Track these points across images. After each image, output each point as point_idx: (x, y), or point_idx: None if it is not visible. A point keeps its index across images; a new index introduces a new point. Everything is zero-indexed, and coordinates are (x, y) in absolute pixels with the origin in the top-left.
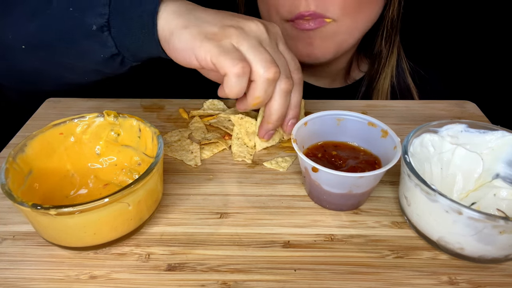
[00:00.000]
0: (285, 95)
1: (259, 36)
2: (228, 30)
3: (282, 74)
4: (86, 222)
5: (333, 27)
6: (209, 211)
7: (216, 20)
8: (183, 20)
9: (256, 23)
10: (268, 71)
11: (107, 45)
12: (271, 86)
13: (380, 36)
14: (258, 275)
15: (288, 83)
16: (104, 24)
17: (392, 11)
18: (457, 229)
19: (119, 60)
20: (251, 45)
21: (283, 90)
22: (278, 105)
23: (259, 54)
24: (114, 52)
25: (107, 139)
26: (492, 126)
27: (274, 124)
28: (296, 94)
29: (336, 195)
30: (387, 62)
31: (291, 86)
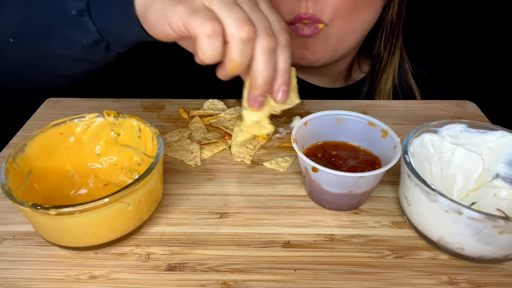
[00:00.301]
0: (268, 54)
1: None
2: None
3: (262, 31)
4: (86, 222)
5: (326, 32)
6: (209, 211)
7: None
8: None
9: None
10: (241, 29)
11: (89, 30)
12: (247, 46)
13: (379, 39)
14: (258, 275)
15: (269, 39)
16: (83, 8)
17: (391, 14)
18: (457, 229)
19: (104, 46)
20: (223, 3)
21: (264, 48)
22: (262, 65)
23: (231, 12)
24: (97, 38)
25: (107, 139)
26: (492, 126)
27: (261, 88)
28: (283, 56)
29: (336, 195)
30: (388, 64)
31: (273, 43)
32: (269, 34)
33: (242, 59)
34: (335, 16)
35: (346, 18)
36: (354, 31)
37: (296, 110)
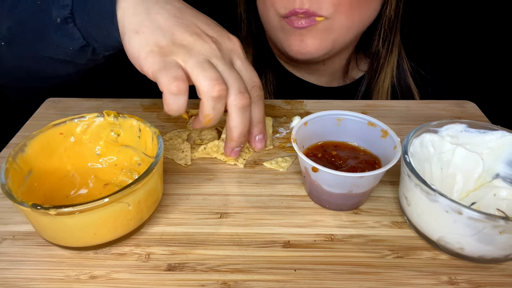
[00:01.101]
0: (241, 111)
1: (209, 55)
2: (176, 47)
3: (234, 90)
4: (86, 222)
5: (326, 25)
6: (209, 211)
7: (169, 29)
8: (136, 21)
9: (208, 43)
10: (212, 88)
11: (74, 37)
12: (218, 103)
13: (378, 36)
14: (258, 275)
15: (241, 98)
16: (67, 15)
17: (390, 11)
18: (457, 229)
19: (90, 50)
20: (196, 62)
21: (237, 106)
22: (235, 121)
23: (203, 72)
24: (83, 44)
25: (107, 139)
26: (492, 126)
27: (236, 142)
28: (256, 109)
29: (336, 195)
30: (386, 62)
31: (246, 100)
32: (242, 92)
33: (215, 113)
34: (336, 11)
35: (348, 12)
36: (354, 25)
37: (296, 110)
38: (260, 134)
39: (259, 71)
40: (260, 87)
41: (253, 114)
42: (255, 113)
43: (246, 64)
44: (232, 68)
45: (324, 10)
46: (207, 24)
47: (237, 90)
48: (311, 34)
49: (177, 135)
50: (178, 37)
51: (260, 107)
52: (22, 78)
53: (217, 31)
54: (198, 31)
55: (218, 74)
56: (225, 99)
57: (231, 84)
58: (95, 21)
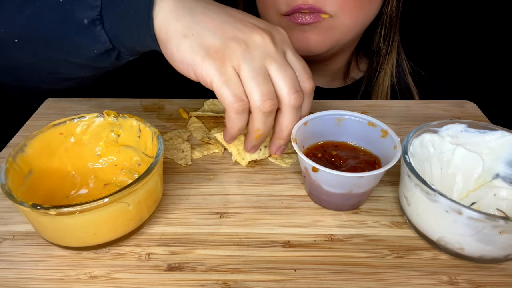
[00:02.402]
0: (295, 111)
1: (264, 50)
2: (230, 46)
3: (291, 89)
4: (86, 222)
5: (330, 22)
6: (209, 211)
7: (217, 28)
8: (182, 26)
9: (261, 34)
10: (264, 104)
11: (101, 40)
12: (269, 117)
13: (379, 33)
14: (258, 275)
15: (297, 98)
16: (96, 17)
17: (391, 8)
18: (457, 229)
19: (115, 55)
20: (251, 71)
21: (293, 106)
22: (288, 122)
23: (256, 86)
24: (109, 47)
25: (107, 140)
26: (492, 126)
27: (285, 140)
28: (306, 105)
29: (336, 195)
30: (386, 60)
31: (301, 100)
32: (298, 91)
33: (265, 127)
34: (341, 9)
35: (352, 11)
36: (356, 24)
37: None
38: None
39: None
40: (311, 78)
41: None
42: (306, 106)
43: (298, 55)
44: (287, 64)
45: (329, 7)
46: (254, 18)
47: (293, 89)
48: (314, 30)
49: (177, 135)
50: (229, 33)
51: (309, 101)
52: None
53: (266, 24)
54: (249, 25)
55: (270, 88)
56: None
57: (286, 83)
58: (126, 26)
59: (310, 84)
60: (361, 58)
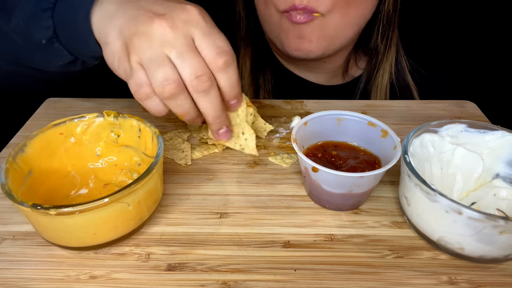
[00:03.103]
0: (203, 94)
1: (162, 38)
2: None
3: (191, 75)
4: (86, 222)
5: (322, 21)
6: (209, 211)
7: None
8: (104, 33)
9: (159, 23)
10: (163, 90)
11: (62, 54)
12: (177, 100)
13: (376, 31)
14: (258, 275)
15: (199, 83)
16: (52, 36)
17: (388, 5)
18: (457, 229)
19: (79, 63)
20: (148, 61)
21: (198, 91)
22: (203, 106)
23: (153, 73)
24: (71, 59)
25: (107, 140)
26: (492, 126)
27: (215, 123)
28: (222, 79)
29: (336, 195)
30: (384, 58)
31: (204, 84)
32: (198, 76)
33: (181, 110)
34: (332, 8)
35: (343, 9)
36: (350, 23)
37: (296, 110)
38: (234, 98)
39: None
40: (226, 52)
41: (222, 84)
42: (223, 83)
43: (207, 30)
44: (188, 49)
45: (322, 6)
46: (161, 4)
47: (193, 75)
48: (309, 30)
49: (177, 135)
50: (133, 29)
51: (229, 74)
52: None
53: (170, 7)
54: (150, 15)
55: (168, 73)
56: (183, 92)
57: (186, 69)
58: (76, 38)
59: (220, 58)
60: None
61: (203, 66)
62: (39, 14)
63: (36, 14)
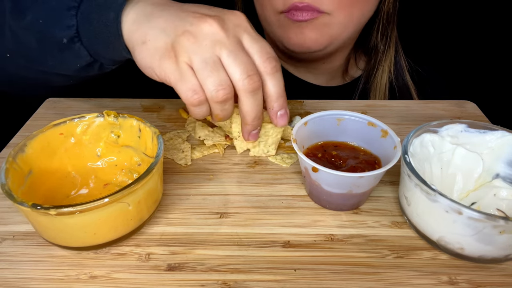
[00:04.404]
0: (251, 95)
1: (213, 38)
2: (180, 42)
3: (241, 74)
4: (86, 222)
5: (326, 19)
6: (209, 211)
7: (170, 26)
8: (140, 33)
9: (209, 23)
10: (217, 94)
11: (81, 55)
12: (225, 105)
13: (376, 30)
14: (258, 275)
15: (249, 82)
16: (74, 35)
17: (388, 4)
18: (457, 229)
19: (97, 66)
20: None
21: (246, 91)
22: (247, 106)
23: (207, 77)
24: (90, 61)
25: (107, 140)
26: (492, 126)
27: (252, 125)
28: (271, 84)
29: (336, 195)
30: (384, 57)
31: (254, 84)
32: (250, 75)
33: (224, 114)
34: (338, 7)
35: (348, 9)
36: (353, 21)
37: (296, 110)
38: (281, 109)
39: None
40: (275, 58)
41: (270, 89)
42: (271, 88)
43: (256, 37)
44: (239, 49)
45: (325, 5)
46: (207, 8)
47: (245, 74)
48: (311, 26)
49: (177, 135)
50: (180, 29)
51: (277, 80)
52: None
53: (218, 10)
54: (198, 15)
55: (221, 77)
56: (232, 99)
57: (237, 68)
58: (102, 41)
59: (270, 63)
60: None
61: (253, 66)
62: (62, 12)
63: (59, 12)
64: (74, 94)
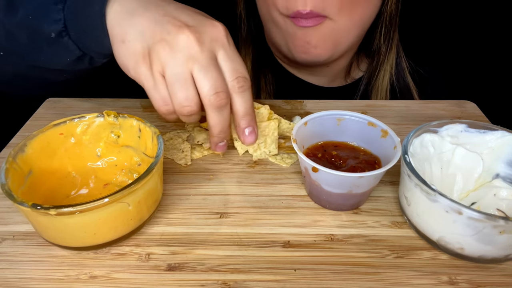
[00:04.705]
0: (217, 110)
1: (188, 52)
2: (155, 51)
3: (210, 90)
4: (86, 222)
5: (330, 25)
6: (209, 211)
7: (149, 30)
8: (121, 30)
9: (187, 35)
10: (181, 110)
11: (70, 49)
12: (191, 117)
13: (379, 32)
14: (258, 275)
15: (217, 99)
16: (62, 29)
17: (390, 6)
18: (457, 229)
19: (87, 59)
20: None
21: (212, 106)
22: (212, 120)
23: (176, 91)
24: (79, 55)
25: (107, 141)
26: (492, 126)
27: (218, 137)
28: (239, 101)
29: (336, 195)
30: (385, 59)
31: (221, 101)
32: (217, 92)
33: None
34: (339, 12)
35: (349, 12)
36: (356, 25)
37: (296, 110)
38: (248, 127)
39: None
40: (244, 78)
41: (237, 107)
42: (239, 106)
43: (231, 53)
44: (211, 64)
45: (327, 10)
46: (189, 15)
47: (213, 91)
48: (315, 34)
49: (177, 135)
50: (157, 36)
51: (244, 99)
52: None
53: (199, 20)
54: (178, 24)
55: (189, 93)
56: (198, 111)
57: (207, 84)
58: (88, 33)
59: (238, 83)
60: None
61: (223, 83)
62: (49, 7)
63: (47, 7)
64: (74, 94)
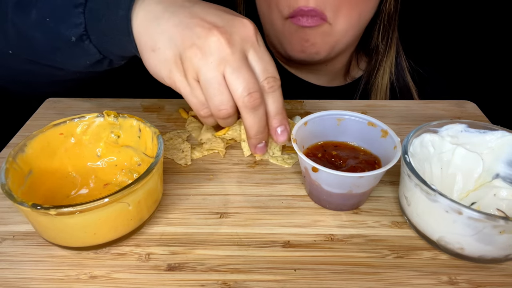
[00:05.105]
0: (252, 111)
1: (219, 55)
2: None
3: (242, 92)
4: (86, 222)
5: (328, 28)
6: (209, 211)
7: (178, 36)
8: (149, 38)
9: (217, 37)
10: (218, 113)
11: (90, 52)
12: (227, 120)
13: (377, 31)
14: (258, 275)
15: (249, 100)
16: (82, 33)
17: (389, 5)
18: (457, 229)
19: (107, 62)
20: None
21: (247, 107)
22: (248, 122)
23: (211, 96)
24: (99, 58)
25: (107, 141)
26: (492, 126)
27: (255, 139)
28: (271, 101)
29: (336, 195)
30: (385, 58)
31: (255, 102)
32: (250, 93)
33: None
34: (338, 11)
35: (348, 13)
36: (354, 26)
37: (296, 110)
38: (280, 126)
39: None
40: (274, 78)
41: (269, 107)
42: (270, 106)
43: (260, 53)
44: (243, 65)
45: (328, 8)
46: (217, 15)
47: (246, 92)
48: (313, 34)
49: (177, 135)
50: (188, 41)
51: (275, 98)
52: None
53: (228, 19)
54: (207, 26)
55: (224, 97)
56: (234, 114)
57: (240, 86)
58: (110, 37)
59: (270, 83)
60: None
61: (255, 83)
62: (69, 10)
63: (66, 9)
64: (74, 94)
